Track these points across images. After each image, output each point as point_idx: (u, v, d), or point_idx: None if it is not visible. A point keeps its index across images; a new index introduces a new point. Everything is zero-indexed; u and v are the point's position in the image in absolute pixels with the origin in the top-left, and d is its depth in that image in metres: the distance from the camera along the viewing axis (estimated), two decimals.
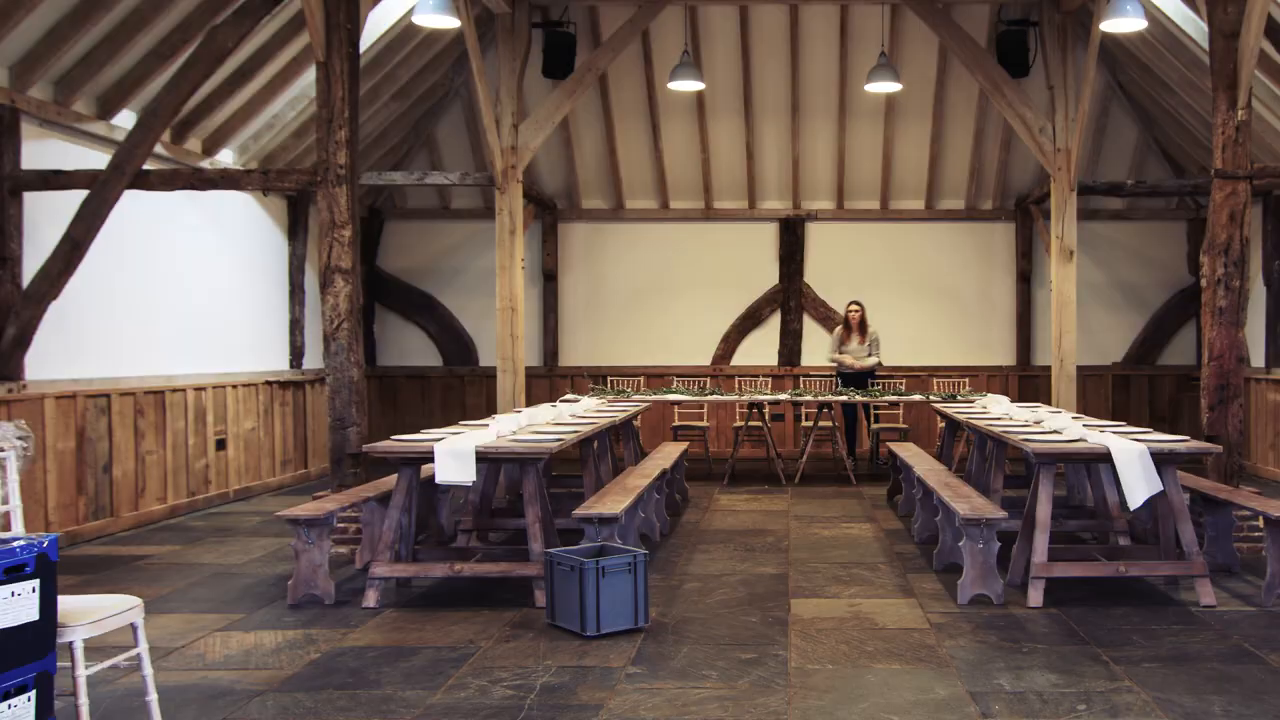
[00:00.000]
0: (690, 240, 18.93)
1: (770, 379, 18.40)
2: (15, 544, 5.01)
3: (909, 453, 12.82)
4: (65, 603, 5.40)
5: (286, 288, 16.19)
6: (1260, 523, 9.85)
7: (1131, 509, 8.88)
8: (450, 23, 12.63)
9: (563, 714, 6.15)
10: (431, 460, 8.78)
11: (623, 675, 6.83)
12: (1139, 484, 8.52)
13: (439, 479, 8.70)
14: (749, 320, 18.92)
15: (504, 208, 14.72)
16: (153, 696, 5.72)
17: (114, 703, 6.38)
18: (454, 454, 8.66)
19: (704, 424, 16.77)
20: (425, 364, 18.99)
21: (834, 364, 16.83)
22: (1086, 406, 17.48)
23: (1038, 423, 10.49)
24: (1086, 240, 17.67)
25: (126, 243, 12.27)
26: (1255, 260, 15.98)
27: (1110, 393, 18.47)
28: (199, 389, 13.57)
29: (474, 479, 8.77)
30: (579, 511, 8.83)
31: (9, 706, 4.95)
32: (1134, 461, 8.54)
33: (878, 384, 16.69)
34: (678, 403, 16.42)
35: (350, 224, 10.77)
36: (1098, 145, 17.77)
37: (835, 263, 18.80)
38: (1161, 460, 8.68)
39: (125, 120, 12.04)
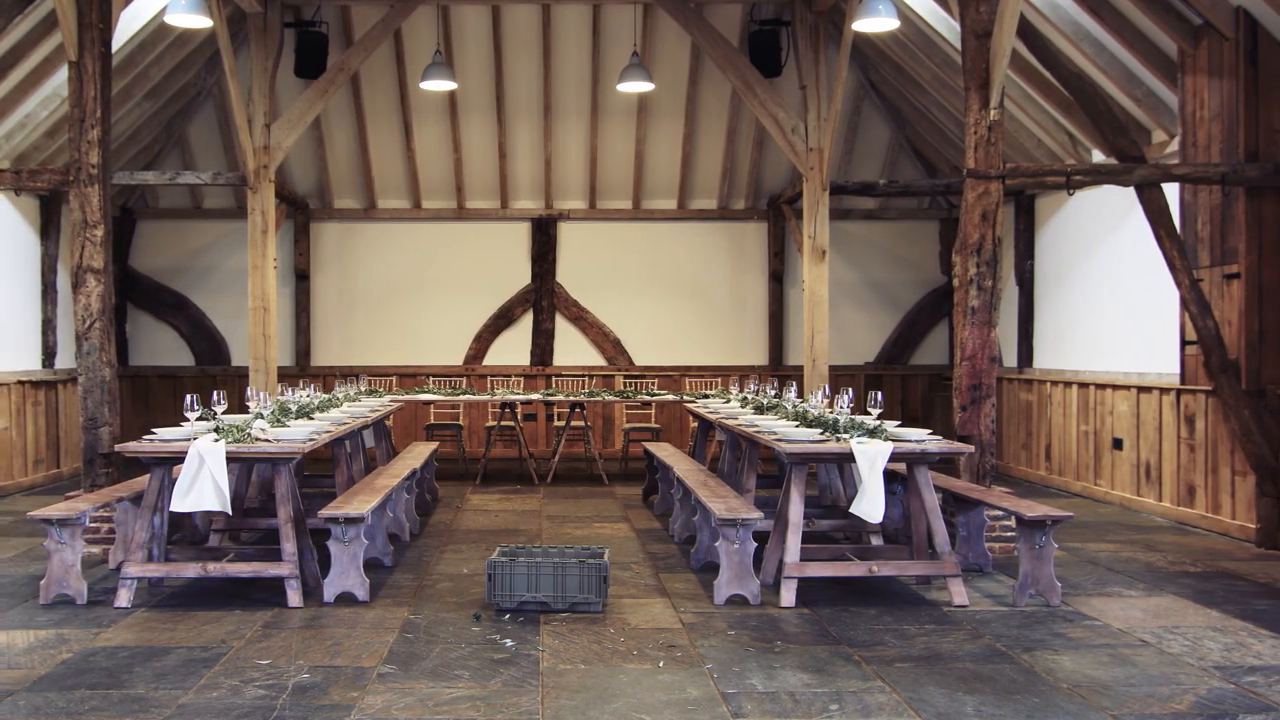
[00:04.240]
0: (442, 240, 18.71)
1: (523, 379, 18.25)
2: None
3: (666, 453, 12.73)
4: None
5: (39, 287, 15.81)
6: (1012, 523, 9.96)
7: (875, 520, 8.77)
8: (202, 22, 12.54)
9: (315, 714, 6.07)
10: (183, 461, 8.50)
11: (375, 675, 6.75)
12: (878, 497, 8.43)
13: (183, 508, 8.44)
14: (502, 320, 18.69)
15: (256, 207, 14.61)
16: None
17: None
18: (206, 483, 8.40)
19: (458, 423, 16.56)
20: (177, 363, 18.54)
21: None
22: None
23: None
24: (839, 240, 17.91)
25: None
26: (1007, 260, 16.34)
27: (863, 392, 18.64)
28: None
29: (228, 510, 8.58)
30: (325, 511, 8.62)
31: None
32: (874, 467, 8.44)
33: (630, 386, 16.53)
34: (430, 402, 16.25)
35: (102, 223, 10.79)
36: (850, 145, 17.97)
37: (588, 262, 18.73)
38: (913, 460, 8.69)
39: None
